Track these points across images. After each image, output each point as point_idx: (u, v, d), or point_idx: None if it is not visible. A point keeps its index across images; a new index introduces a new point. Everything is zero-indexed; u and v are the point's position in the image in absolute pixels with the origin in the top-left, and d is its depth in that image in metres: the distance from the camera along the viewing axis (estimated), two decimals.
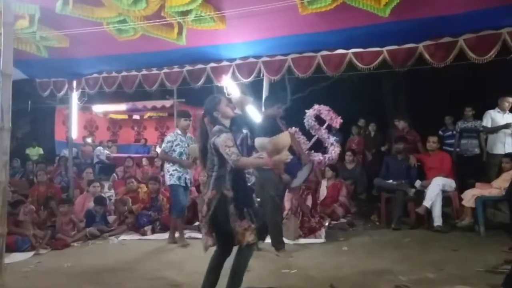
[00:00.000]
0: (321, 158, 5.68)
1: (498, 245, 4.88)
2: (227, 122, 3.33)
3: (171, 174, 5.59)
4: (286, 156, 3.18)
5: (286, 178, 4.88)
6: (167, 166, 5.69)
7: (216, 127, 3.25)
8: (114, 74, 7.17)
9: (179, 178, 5.58)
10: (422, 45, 5.49)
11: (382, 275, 4.02)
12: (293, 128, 5.79)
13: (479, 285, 3.66)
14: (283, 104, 5.26)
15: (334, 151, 5.76)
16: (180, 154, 5.65)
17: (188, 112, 5.99)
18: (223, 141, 3.12)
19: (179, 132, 5.75)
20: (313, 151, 5.79)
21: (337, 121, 5.94)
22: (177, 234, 5.73)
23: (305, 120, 6.05)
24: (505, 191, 5.40)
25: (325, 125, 5.96)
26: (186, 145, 5.68)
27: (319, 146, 6.06)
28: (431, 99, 12.16)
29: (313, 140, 5.87)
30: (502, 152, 6.56)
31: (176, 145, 5.63)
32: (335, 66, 6.05)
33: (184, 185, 5.63)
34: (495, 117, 6.82)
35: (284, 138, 3.27)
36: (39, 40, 5.66)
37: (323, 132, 5.88)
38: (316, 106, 6.08)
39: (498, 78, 10.08)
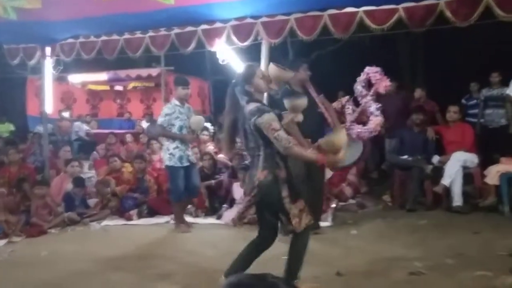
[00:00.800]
0: (359, 130, 5.50)
1: None
2: (261, 97, 3.35)
3: (171, 154, 5.52)
4: (344, 157, 3.25)
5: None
6: (166, 143, 5.64)
7: (253, 105, 3.21)
8: (92, 38, 7.10)
9: (180, 158, 5.51)
10: (443, 1, 5.41)
11: (395, 261, 4.08)
12: (346, 97, 5.70)
13: (502, 271, 3.70)
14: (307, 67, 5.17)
15: (373, 121, 5.49)
16: (181, 128, 5.57)
17: (186, 79, 5.90)
18: (267, 123, 3.11)
19: (177, 102, 5.65)
20: (355, 122, 5.62)
21: (383, 85, 5.60)
22: (166, 219, 5.77)
23: (354, 87, 5.84)
24: None
25: (372, 90, 5.65)
26: (186, 117, 5.62)
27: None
28: (453, 64, 12.07)
29: (359, 109, 5.61)
30: None
31: (175, 118, 5.56)
32: (344, 27, 5.99)
33: (187, 164, 5.57)
34: None
35: (341, 138, 3.28)
36: (6, 0, 5.58)
37: (368, 99, 5.59)
38: (366, 69, 5.78)
39: None
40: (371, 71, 5.72)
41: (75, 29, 6.79)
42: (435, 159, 6.35)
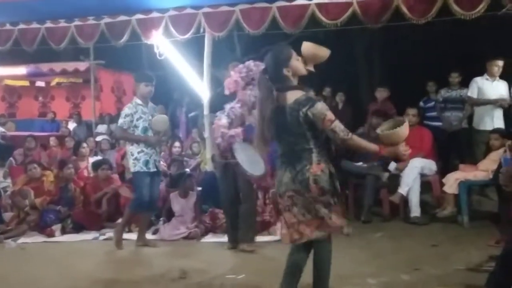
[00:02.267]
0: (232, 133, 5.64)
1: (483, 238, 5.13)
2: (296, 82, 3.27)
3: (135, 159, 5.39)
4: (405, 151, 3.21)
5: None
6: (130, 148, 5.49)
7: (297, 93, 3.15)
8: (8, 27, 6.92)
9: (146, 162, 5.39)
10: None
11: (347, 278, 4.13)
12: None
13: (459, 286, 3.85)
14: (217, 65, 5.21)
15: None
16: (145, 129, 5.44)
17: (150, 75, 5.72)
18: (322, 113, 3.05)
19: (139, 101, 5.50)
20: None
21: None
22: (94, 235, 5.63)
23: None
24: (493, 174, 5.65)
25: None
26: (149, 117, 5.49)
27: None
28: (410, 64, 12.48)
29: None
30: (491, 128, 6.82)
31: (137, 119, 5.41)
32: (294, 20, 6.09)
33: (154, 170, 5.47)
34: (482, 85, 6.97)
35: (404, 130, 3.23)
36: None
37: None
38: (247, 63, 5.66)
39: (489, 38, 10.52)
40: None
41: None
42: (392, 166, 6.51)
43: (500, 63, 6.90)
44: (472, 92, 7.05)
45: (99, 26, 6.64)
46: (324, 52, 3.44)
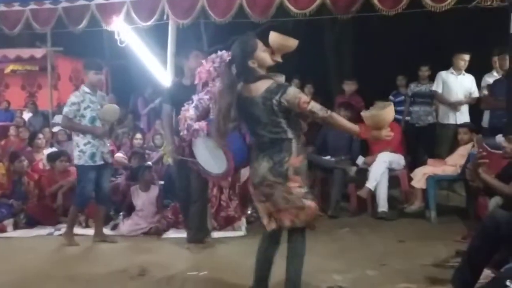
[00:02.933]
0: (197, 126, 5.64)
1: (450, 234, 5.24)
2: (264, 73, 3.27)
3: (81, 151, 5.28)
4: (388, 134, 3.26)
5: (170, 149, 5.07)
6: (76, 139, 5.36)
7: (267, 82, 3.19)
8: None
9: (92, 155, 5.29)
10: None
11: (312, 274, 4.13)
12: None
13: (425, 282, 3.92)
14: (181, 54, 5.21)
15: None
16: (93, 119, 5.34)
17: (99, 63, 5.64)
18: (295, 97, 3.10)
19: (87, 89, 5.38)
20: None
21: None
22: (49, 230, 5.52)
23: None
24: (461, 168, 5.77)
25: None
26: (98, 107, 5.38)
27: None
28: (380, 56, 12.61)
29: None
30: (454, 122, 6.97)
31: (85, 108, 5.30)
32: (262, 9, 6.09)
33: (101, 163, 5.36)
34: (447, 79, 7.12)
35: (389, 113, 3.27)
36: None
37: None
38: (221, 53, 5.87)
39: (460, 32, 10.71)
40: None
41: None
42: (360, 160, 6.60)
43: (467, 57, 7.04)
44: (437, 86, 7.22)
45: (56, 11, 6.49)
46: (291, 42, 3.44)
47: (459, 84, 7.08)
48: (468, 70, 7.17)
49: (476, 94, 7.07)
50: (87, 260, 4.93)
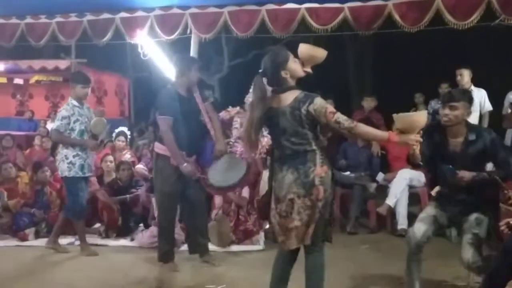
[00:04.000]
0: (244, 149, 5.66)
1: None
2: (294, 84, 3.33)
3: (70, 163, 5.34)
4: (418, 139, 3.25)
5: (186, 168, 4.71)
6: (65, 151, 5.42)
7: (296, 93, 3.24)
8: None
9: (81, 167, 5.37)
10: (391, 3, 5.65)
11: None
12: (236, 107, 5.73)
13: None
14: (202, 68, 5.09)
15: (264, 141, 5.73)
16: (82, 132, 5.42)
17: (87, 76, 5.70)
18: (322, 107, 3.14)
19: (75, 103, 5.47)
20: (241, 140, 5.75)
21: None
22: (70, 240, 5.56)
23: (245, 98, 5.99)
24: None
25: None
26: (86, 119, 5.48)
27: None
28: (400, 72, 12.58)
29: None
30: None
31: (74, 122, 5.38)
32: (284, 24, 6.12)
33: (89, 174, 5.48)
34: None
35: (422, 117, 3.29)
36: None
37: None
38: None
39: (482, 49, 10.64)
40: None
41: None
42: (380, 176, 6.56)
43: (463, 71, 6.79)
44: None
45: (81, 24, 6.59)
46: (321, 53, 3.50)
47: None
48: (490, 87, 7.07)
49: (487, 108, 6.94)
50: (105, 270, 4.93)
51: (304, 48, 3.45)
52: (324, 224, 3.29)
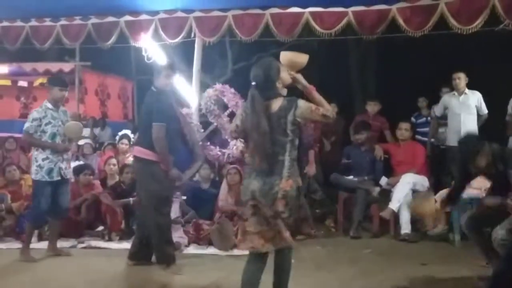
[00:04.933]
0: (219, 153, 5.71)
1: (475, 258, 5.10)
2: (284, 92, 3.41)
3: (39, 166, 5.30)
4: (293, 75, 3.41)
5: (175, 173, 4.84)
6: (35, 153, 5.39)
7: (279, 101, 3.29)
8: None
9: (49, 171, 5.31)
10: (395, 7, 5.66)
11: None
12: (186, 108, 5.82)
13: None
14: (174, 72, 5.07)
15: (236, 146, 5.82)
16: (53, 136, 5.37)
17: (65, 80, 5.65)
18: (307, 107, 3.24)
19: (50, 105, 5.41)
20: (209, 143, 5.83)
21: (233, 104, 6.22)
22: (72, 243, 5.56)
23: (203, 102, 6.19)
24: (486, 192, 5.68)
25: (228, 111, 6.18)
26: (59, 123, 5.43)
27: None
28: (403, 76, 12.57)
29: (210, 128, 5.95)
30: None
31: (46, 124, 5.33)
32: (288, 28, 6.13)
33: (58, 179, 5.38)
34: (449, 102, 6.95)
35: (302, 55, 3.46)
36: None
37: (224, 121, 5.96)
38: (218, 86, 6.28)
39: (485, 54, 10.62)
40: (226, 90, 6.26)
41: None
42: (383, 180, 6.54)
43: (459, 75, 6.82)
44: (437, 110, 7.19)
45: (85, 27, 6.62)
46: (302, 58, 3.55)
47: (461, 104, 6.84)
48: (493, 93, 7.06)
49: (484, 111, 6.92)
50: (106, 274, 4.91)
51: (285, 56, 3.52)
52: (289, 229, 3.29)
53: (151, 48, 6.94)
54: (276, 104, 3.28)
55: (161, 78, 4.91)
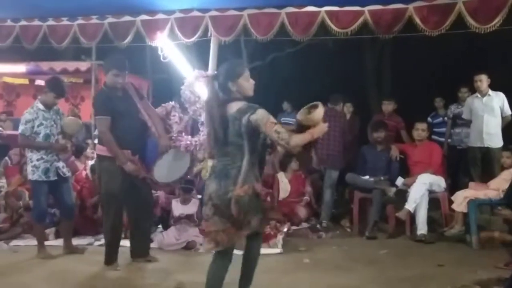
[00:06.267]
0: (188, 142, 5.74)
1: (492, 260, 5.09)
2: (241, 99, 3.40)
3: (34, 166, 5.35)
4: (324, 128, 3.40)
5: (129, 167, 4.84)
6: (29, 154, 5.44)
7: (239, 103, 3.31)
8: (9, 23, 6.92)
9: (46, 171, 5.36)
10: (412, 6, 5.61)
11: None
12: (170, 102, 5.86)
13: None
14: (123, 70, 5.08)
15: (203, 133, 5.73)
16: (47, 136, 5.39)
17: (63, 89, 5.56)
18: (264, 118, 3.20)
19: (41, 106, 5.41)
20: (183, 133, 5.84)
21: None
22: (89, 240, 5.60)
23: (181, 91, 6.11)
24: (504, 193, 5.64)
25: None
26: (52, 123, 5.45)
27: None
28: (422, 77, 12.48)
29: (186, 119, 5.89)
30: (479, 145, 6.81)
31: (38, 125, 5.36)
32: (304, 27, 6.11)
33: (54, 178, 5.43)
34: (472, 104, 6.94)
35: (319, 111, 3.43)
36: None
37: (197, 108, 5.87)
38: (196, 72, 6.08)
39: (502, 52, 10.50)
40: (200, 75, 6.00)
41: None
42: (399, 181, 6.50)
43: (481, 77, 6.81)
44: (465, 114, 7.14)
45: (102, 26, 6.64)
46: (319, 115, 3.49)
47: (484, 106, 6.83)
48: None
49: (506, 112, 6.86)
50: (124, 272, 4.94)
51: (302, 115, 3.49)
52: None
53: (167, 47, 6.96)
54: (235, 107, 3.31)
55: (108, 76, 5.04)
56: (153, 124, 5.13)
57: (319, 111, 3.39)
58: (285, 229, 6.27)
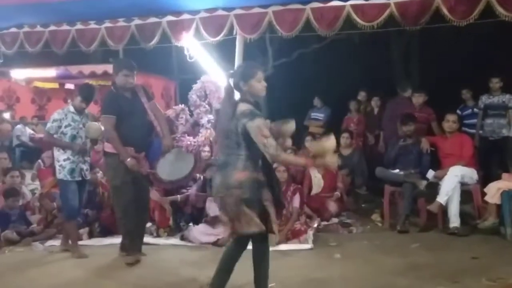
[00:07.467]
0: (189, 142, 6.05)
1: None
2: (253, 100, 3.59)
3: (61, 166, 5.50)
4: (333, 162, 3.57)
5: (130, 163, 5.01)
6: (56, 154, 5.60)
7: (245, 106, 3.51)
8: (39, 28, 7.03)
9: (71, 171, 5.51)
10: None
11: None
12: (180, 105, 6.07)
13: None
14: (132, 71, 5.28)
15: (202, 134, 6.10)
16: (73, 137, 5.55)
17: (94, 95, 5.85)
18: (258, 128, 3.39)
19: (72, 109, 5.60)
20: (186, 134, 6.03)
21: (216, 97, 6.60)
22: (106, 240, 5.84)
23: (189, 95, 6.59)
24: None
25: (206, 101, 6.59)
26: (81, 126, 5.61)
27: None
28: (451, 68, 12.29)
29: (191, 121, 6.32)
30: None
31: (66, 126, 5.52)
32: (329, 22, 6.08)
33: (79, 179, 5.59)
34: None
35: (331, 142, 3.54)
36: None
37: (201, 111, 6.34)
38: (203, 78, 6.69)
39: None
40: (207, 80, 6.59)
41: (18, 17, 6.71)
42: (430, 174, 6.42)
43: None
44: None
45: (129, 28, 6.72)
46: (331, 144, 3.58)
47: None
48: None
49: None
50: (156, 269, 5.02)
51: (317, 146, 3.67)
52: (254, 217, 3.48)
53: (193, 47, 7.01)
54: (243, 107, 3.49)
55: (119, 76, 5.20)
56: (158, 124, 5.36)
57: (329, 142, 3.52)
58: (316, 225, 6.26)
